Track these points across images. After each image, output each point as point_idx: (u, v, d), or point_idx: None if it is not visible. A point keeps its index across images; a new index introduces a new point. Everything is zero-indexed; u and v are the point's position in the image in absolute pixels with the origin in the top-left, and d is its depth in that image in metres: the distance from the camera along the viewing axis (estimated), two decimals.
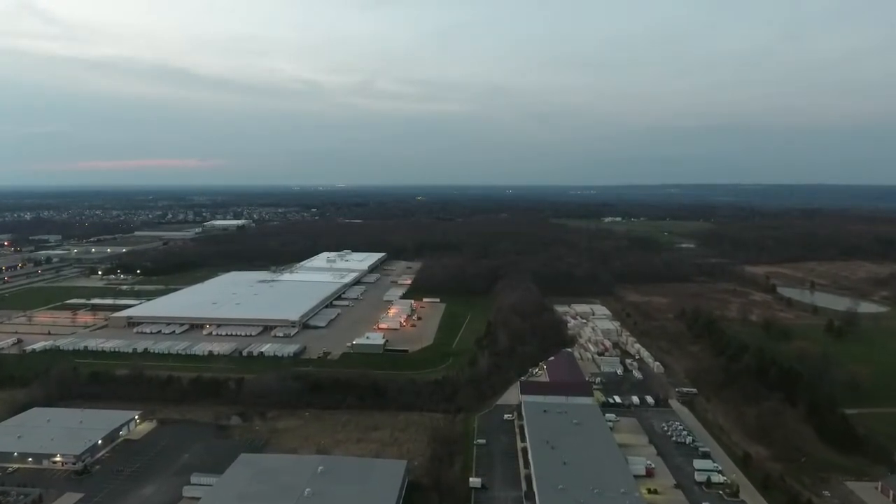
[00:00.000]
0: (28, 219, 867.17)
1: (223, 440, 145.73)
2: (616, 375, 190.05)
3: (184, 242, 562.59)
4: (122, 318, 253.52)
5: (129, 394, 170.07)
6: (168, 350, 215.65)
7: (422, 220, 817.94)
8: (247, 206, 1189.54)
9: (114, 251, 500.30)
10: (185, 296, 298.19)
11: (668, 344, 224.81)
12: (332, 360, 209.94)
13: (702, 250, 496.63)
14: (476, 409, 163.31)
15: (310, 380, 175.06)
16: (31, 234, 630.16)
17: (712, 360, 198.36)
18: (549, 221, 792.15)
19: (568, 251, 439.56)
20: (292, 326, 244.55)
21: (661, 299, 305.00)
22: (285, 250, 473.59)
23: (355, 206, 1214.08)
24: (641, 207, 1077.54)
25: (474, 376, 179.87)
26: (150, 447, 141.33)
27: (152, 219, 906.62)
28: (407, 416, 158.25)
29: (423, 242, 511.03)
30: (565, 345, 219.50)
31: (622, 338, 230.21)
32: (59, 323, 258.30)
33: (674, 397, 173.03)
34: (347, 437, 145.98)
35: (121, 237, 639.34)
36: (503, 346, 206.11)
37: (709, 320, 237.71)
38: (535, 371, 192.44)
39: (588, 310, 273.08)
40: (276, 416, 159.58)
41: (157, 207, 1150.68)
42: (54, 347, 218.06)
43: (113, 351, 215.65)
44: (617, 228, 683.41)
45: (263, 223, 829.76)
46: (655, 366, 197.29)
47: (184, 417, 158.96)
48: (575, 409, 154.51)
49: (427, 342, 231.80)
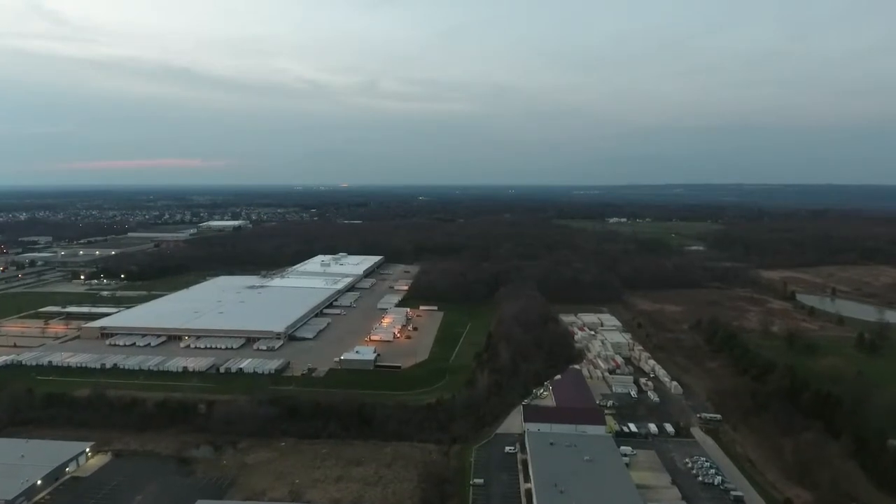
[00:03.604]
0: (23, 219, 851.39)
1: (184, 478, 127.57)
2: (630, 398, 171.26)
3: (176, 244, 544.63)
4: (94, 328, 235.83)
5: (87, 419, 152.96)
6: (139, 366, 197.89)
7: (422, 221, 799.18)
8: (246, 206, 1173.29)
9: (102, 253, 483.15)
10: (166, 303, 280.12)
11: (684, 360, 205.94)
12: (317, 377, 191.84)
13: (713, 253, 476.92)
14: (473, 439, 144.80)
15: (288, 403, 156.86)
16: (21, 235, 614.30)
17: (736, 380, 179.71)
18: (552, 222, 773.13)
19: (573, 255, 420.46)
20: (277, 338, 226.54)
21: (674, 307, 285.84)
22: (279, 253, 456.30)
23: (356, 206, 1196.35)
24: (647, 208, 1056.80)
25: (472, 399, 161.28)
26: (99, 487, 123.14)
27: (148, 219, 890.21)
28: (395, 448, 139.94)
29: (423, 244, 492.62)
30: (572, 361, 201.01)
31: (634, 352, 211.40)
32: (27, 334, 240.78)
33: (696, 425, 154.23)
34: (325, 476, 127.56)
35: (112, 239, 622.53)
36: (504, 363, 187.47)
37: (729, 333, 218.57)
38: (539, 392, 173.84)
39: (596, 320, 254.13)
40: (248, 447, 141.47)
41: (156, 208, 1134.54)
42: (16, 363, 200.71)
43: (79, 367, 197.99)
44: (623, 230, 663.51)
45: (260, 224, 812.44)
46: (673, 386, 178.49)
47: (143, 448, 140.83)
48: (586, 441, 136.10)
49: (422, 356, 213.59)
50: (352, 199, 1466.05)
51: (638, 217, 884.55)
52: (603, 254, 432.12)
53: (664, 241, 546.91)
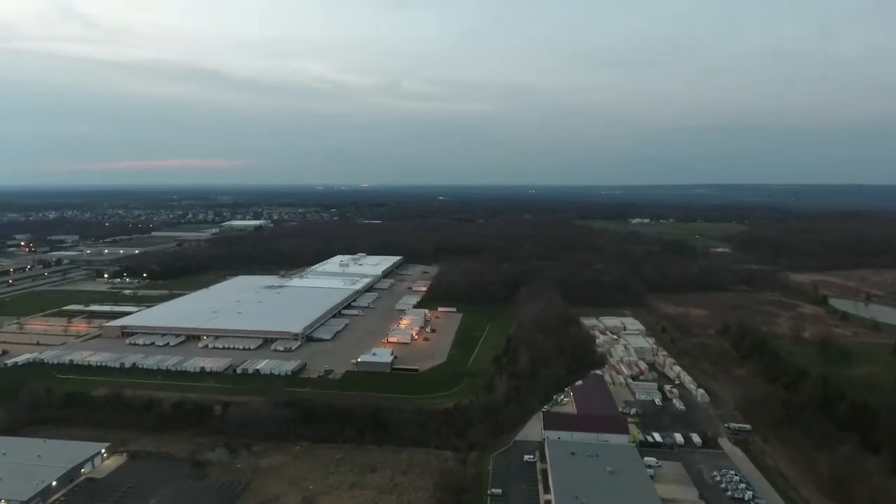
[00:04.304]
0: (51, 218, 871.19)
1: (198, 481, 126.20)
2: (654, 405, 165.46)
3: (198, 244, 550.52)
4: (115, 327, 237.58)
5: (104, 419, 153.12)
6: (158, 365, 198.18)
7: (442, 221, 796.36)
8: (267, 206, 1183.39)
9: (126, 252, 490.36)
10: (186, 303, 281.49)
11: (711, 366, 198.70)
12: (333, 379, 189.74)
13: (739, 255, 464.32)
14: (491, 446, 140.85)
15: (303, 407, 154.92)
16: (50, 233, 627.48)
17: (765, 388, 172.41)
18: (573, 223, 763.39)
19: (595, 256, 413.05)
20: (294, 339, 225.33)
21: (700, 311, 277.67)
22: (299, 253, 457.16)
23: (376, 206, 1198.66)
24: (669, 208, 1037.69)
25: (490, 405, 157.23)
26: (114, 489, 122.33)
27: (172, 219, 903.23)
28: (411, 454, 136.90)
29: (442, 245, 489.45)
30: (594, 366, 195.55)
31: (658, 358, 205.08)
32: (50, 332, 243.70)
33: (724, 435, 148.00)
34: (340, 482, 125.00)
35: (137, 238, 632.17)
36: (524, 368, 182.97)
37: (757, 339, 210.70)
38: (560, 398, 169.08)
39: (619, 324, 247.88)
40: (263, 451, 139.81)
41: (180, 207, 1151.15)
42: (38, 361, 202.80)
43: (99, 366, 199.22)
44: (645, 231, 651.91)
45: (281, 224, 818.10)
46: (699, 394, 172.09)
47: (159, 450, 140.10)
48: (608, 451, 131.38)
49: (440, 359, 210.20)
50: (372, 199, 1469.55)
51: (661, 218, 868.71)
52: (625, 255, 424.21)
53: (688, 243, 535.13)
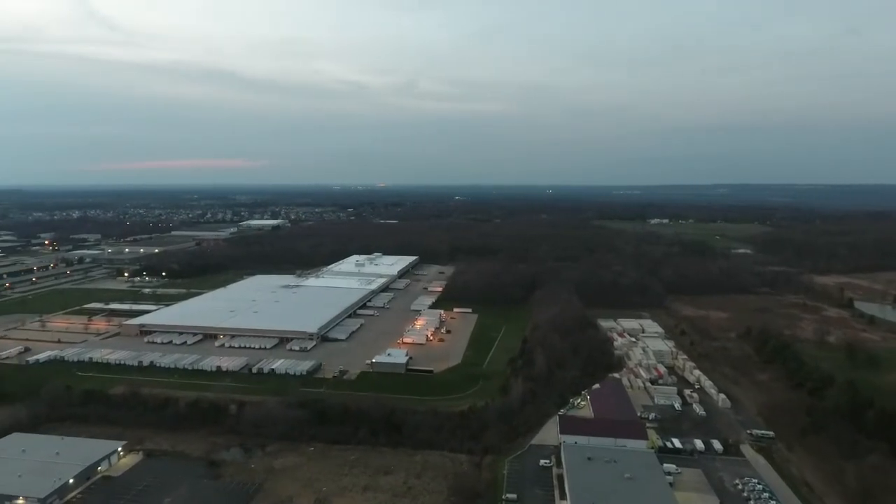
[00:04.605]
0: (75, 217, 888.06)
1: (212, 481, 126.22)
2: (673, 410, 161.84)
3: (216, 243, 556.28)
4: (134, 325, 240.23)
5: (121, 417, 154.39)
6: (175, 364, 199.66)
7: (458, 221, 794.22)
8: (285, 205, 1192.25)
9: (146, 251, 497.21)
10: (203, 302, 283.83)
11: (732, 370, 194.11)
12: (348, 380, 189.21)
13: (761, 257, 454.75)
14: (506, 450, 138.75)
15: (317, 407, 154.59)
16: (73, 232, 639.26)
17: (789, 394, 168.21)
18: (591, 223, 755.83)
19: (613, 257, 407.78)
20: (310, 339, 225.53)
21: (720, 314, 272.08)
22: (315, 252, 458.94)
23: (392, 206, 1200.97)
24: (689, 209, 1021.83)
25: (506, 408, 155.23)
26: (130, 487, 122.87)
27: (191, 218, 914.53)
28: (425, 457, 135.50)
29: (458, 245, 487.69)
30: (612, 369, 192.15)
31: (678, 361, 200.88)
32: (71, 329, 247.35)
33: (746, 442, 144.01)
34: (353, 483, 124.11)
35: (157, 237, 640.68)
36: (540, 370, 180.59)
37: (781, 343, 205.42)
38: (576, 402, 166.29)
39: (637, 326, 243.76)
40: (277, 451, 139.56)
41: (199, 207, 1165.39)
42: (58, 358, 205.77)
43: (117, 363, 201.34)
44: (664, 231, 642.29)
45: (299, 223, 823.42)
46: (720, 399, 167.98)
47: (174, 449, 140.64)
48: (626, 456, 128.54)
49: (455, 361, 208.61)
50: (388, 198, 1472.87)
51: (680, 218, 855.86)
52: (644, 256, 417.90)
53: (709, 244, 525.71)
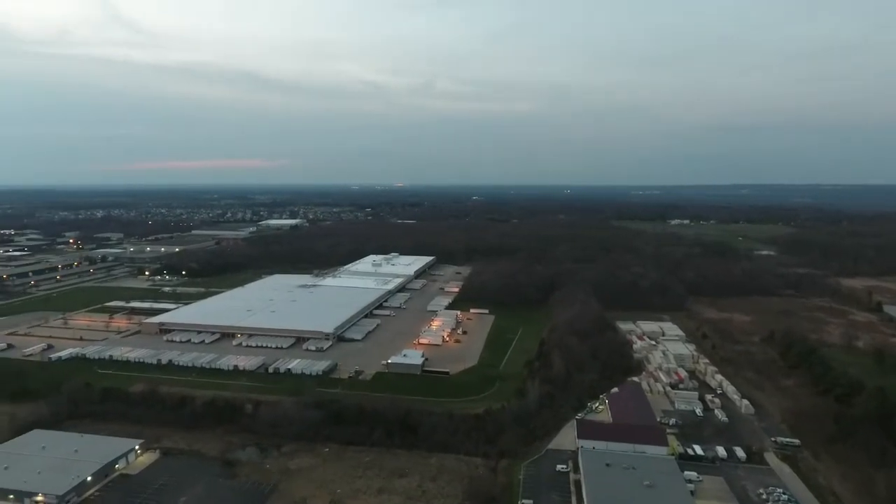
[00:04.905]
0: (99, 216, 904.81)
1: (228, 480, 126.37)
2: (694, 415, 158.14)
3: (235, 242, 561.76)
4: (154, 324, 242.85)
5: (140, 415, 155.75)
6: (192, 362, 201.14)
7: (475, 221, 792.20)
8: (303, 205, 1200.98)
9: (167, 250, 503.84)
10: (222, 301, 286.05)
11: (756, 375, 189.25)
12: (363, 380, 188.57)
13: (785, 258, 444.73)
14: (523, 454, 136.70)
15: (333, 408, 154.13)
16: (97, 231, 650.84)
17: (816, 401, 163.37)
18: (610, 223, 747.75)
19: (632, 258, 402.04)
20: (326, 339, 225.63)
21: (743, 317, 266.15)
22: (333, 252, 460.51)
23: (410, 206, 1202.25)
24: (711, 209, 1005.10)
25: (522, 411, 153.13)
26: (146, 486, 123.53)
27: (212, 217, 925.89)
28: (440, 460, 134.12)
29: (475, 245, 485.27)
30: (631, 373, 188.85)
31: (699, 365, 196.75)
32: (93, 327, 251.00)
33: (770, 450, 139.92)
34: (367, 486, 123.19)
35: (178, 236, 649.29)
36: (558, 373, 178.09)
37: (807, 347, 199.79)
38: (595, 406, 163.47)
39: (657, 329, 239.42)
40: (292, 452, 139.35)
41: (219, 206, 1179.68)
42: (80, 355, 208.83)
43: (137, 361, 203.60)
44: (685, 232, 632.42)
45: (317, 223, 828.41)
46: (743, 404, 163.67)
47: (191, 448, 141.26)
48: (645, 463, 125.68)
49: (471, 362, 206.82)
50: (406, 198, 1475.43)
51: (702, 219, 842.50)
52: (664, 257, 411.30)
53: (731, 245, 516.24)
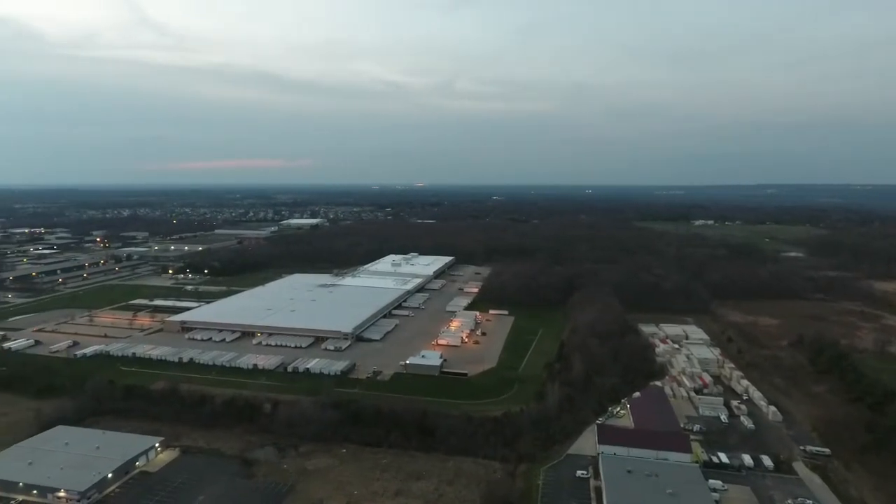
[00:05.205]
0: (125, 215, 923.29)
1: (245, 480, 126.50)
2: (719, 422, 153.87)
3: (257, 241, 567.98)
4: (176, 322, 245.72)
5: (160, 413, 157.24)
6: (213, 361, 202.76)
7: (495, 221, 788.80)
8: (324, 205, 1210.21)
9: (191, 249, 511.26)
10: (242, 300, 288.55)
11: (783, 381, 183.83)
12: (381, 381, 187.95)
13: (814, 260, 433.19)
14: (542, 458, 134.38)
15: (351, 408, 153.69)
16: (123, 230, 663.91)
17: (847, 408, 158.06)
18: (632, 224, 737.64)
19: (655, 259, 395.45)
20: (344, 339, 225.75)
21: (770, 320, 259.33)
22: (353, 251, 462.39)
23: (429, 205, 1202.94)
24: (736, 210, 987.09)
25: (542, 414, 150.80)
26: (165, 483, 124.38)
27: (234, 217, 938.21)
28: (458, 463, 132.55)
29: (495, 246, 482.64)
30: (653, 377, 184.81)
31: (724, 370, 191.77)
32: (117, 325, 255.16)
33: (799, 459, 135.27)
34: (384, 488, 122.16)
35: (201, 235, 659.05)
36: (578, 376, 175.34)
37: (838, 353, 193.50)
38: (616, 410, 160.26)
39: (681, 332, 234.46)
40: (310, 452, 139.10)
41: (242, 206, 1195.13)
42: (104, 352, 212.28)
43: (159, 359, 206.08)
44: (709, 233, 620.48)
45: (337, 222, 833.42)
46: (770, 411, 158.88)
47: (209, 446, 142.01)
48: (669, 470, 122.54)
49: (490, 364, 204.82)
50: (426, 198, 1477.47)
51: (727, 219, 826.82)
52: (688, 258, 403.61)
53: (757, 246, 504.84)
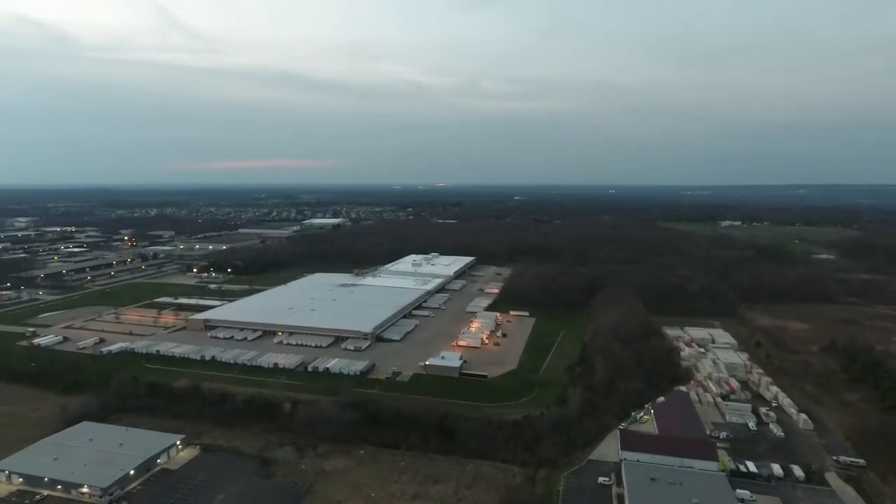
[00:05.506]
0: (152, 215, 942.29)
1: (264, 480, 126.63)
2: (747, 429, 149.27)
3: (280, 241, 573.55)
4: (199, 320, 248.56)
5: (182, 411, 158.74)
6: (235, 359, 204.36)
7: (517, 222, 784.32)
8: (347, 204, 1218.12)
9: (215, 248, 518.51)
10: (264, 299, 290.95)
11: (815, 388, 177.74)
12: (401, 381, 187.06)
13: (847, 263, 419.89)
14: (562, 464, 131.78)
15: (370, 409, 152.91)
16: (150, 229, 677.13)
17: (883, 417, 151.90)
18: (656, 224, 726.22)
19: (680, 261, 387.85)
20: (364, 339, 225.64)
21: (800, 325, 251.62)
22: (374, 251, 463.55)
23: (451, 205, 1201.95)
24: (764, 210, 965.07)
25: (563, 418, 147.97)
26: (186, 481, 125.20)
27: (258, 216, 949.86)
28: (476, 467, 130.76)
29: (516, 246, 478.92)
30: (678, 382, 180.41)
31: (752, 375, 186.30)
32: (142, 322, 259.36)
33: (831, 469, 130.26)
34: (402, 491, 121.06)
35: (225, 234, 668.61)
36: (600, 379, 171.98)
37: (873, 359, 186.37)
38: (639, 416, 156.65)
39: (706, 336, 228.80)
40: (328, 452, 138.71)
41: (266, 205, 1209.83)
42: (129, 350, 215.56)
43: (182, 357, 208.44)
44: (737, 234, 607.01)
45: (359, 222, 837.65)
46: (801, 419, 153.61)
47: (229, 444, 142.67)
48: (694, 479, 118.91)
49: (510, 366, 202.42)
50: (447, 198, 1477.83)
51: (754, 220, 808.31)
52: (714, 260, 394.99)
53: (787, 248, 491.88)
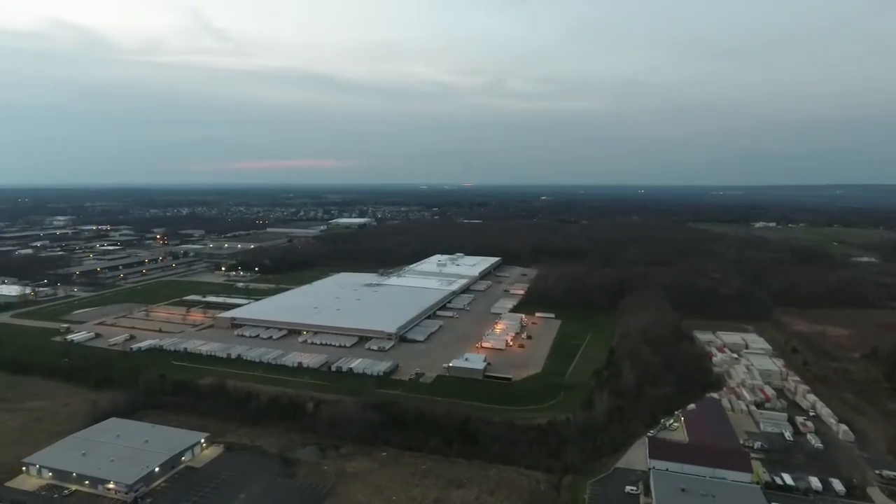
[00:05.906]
0: (184, 214, 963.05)
1: (286, 480, 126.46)
2: (783, 439, 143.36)
3: (306, 240, 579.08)
4: (226, 318, 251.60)
5: (207, 408, 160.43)
6: (260, 358, 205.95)
7: (543, 222, 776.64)
8: (373, 204, 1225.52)
9: (244, 247, 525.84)
10: (290, 298, 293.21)
11: (856, 397, 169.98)
12: (424, 383, 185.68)
13: (888, 266, 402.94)
14: (588, 471, 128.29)
15: (392, 410, 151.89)
16: (181, 228, 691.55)
17: None
18: (687, 225, 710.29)
19: (712, 263, 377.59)
20: (388, 339, 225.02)
21: (840, 330, 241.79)
22: (399, 251, 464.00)
23: (477, 205, 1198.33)
24: (800, 211, 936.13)
25: (589, 424, 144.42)
26: (209, 479, 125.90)
27: (286, 216, 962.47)
28: (499, 472, 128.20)
29: (542, 247, 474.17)
30: (710, 388, 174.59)
31: (788, 383, 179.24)
32: (171, 320, 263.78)
33: (874, 484, 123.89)
34: (424, 495, 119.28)
35: (254, 233, 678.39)
36: (628, 384, 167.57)
37: None
38: (669, 423, 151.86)
39: (740, 340, 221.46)
40: (350, 454, 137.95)
41: (293, 205, 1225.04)
42: (158, 347, 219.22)
43: (208, 355, 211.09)
44: (771, 236, 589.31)
45: (385, 222, 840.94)
46: (840, 430, 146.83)
47: (253, 443, 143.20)
48: (726, 490, 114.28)
49: (535, 369, 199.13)
50: (473, 198, 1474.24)
51: (790, 221, 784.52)
52: (747, 262, 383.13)
53: (824, 250, 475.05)
